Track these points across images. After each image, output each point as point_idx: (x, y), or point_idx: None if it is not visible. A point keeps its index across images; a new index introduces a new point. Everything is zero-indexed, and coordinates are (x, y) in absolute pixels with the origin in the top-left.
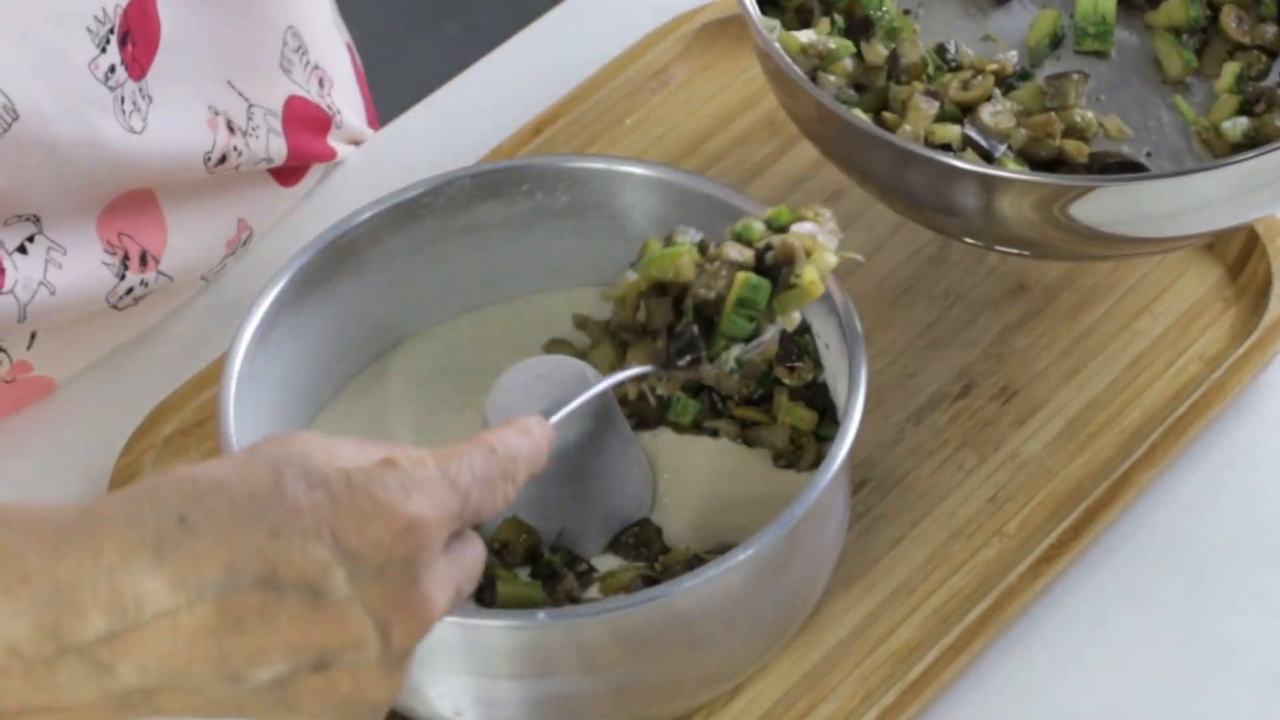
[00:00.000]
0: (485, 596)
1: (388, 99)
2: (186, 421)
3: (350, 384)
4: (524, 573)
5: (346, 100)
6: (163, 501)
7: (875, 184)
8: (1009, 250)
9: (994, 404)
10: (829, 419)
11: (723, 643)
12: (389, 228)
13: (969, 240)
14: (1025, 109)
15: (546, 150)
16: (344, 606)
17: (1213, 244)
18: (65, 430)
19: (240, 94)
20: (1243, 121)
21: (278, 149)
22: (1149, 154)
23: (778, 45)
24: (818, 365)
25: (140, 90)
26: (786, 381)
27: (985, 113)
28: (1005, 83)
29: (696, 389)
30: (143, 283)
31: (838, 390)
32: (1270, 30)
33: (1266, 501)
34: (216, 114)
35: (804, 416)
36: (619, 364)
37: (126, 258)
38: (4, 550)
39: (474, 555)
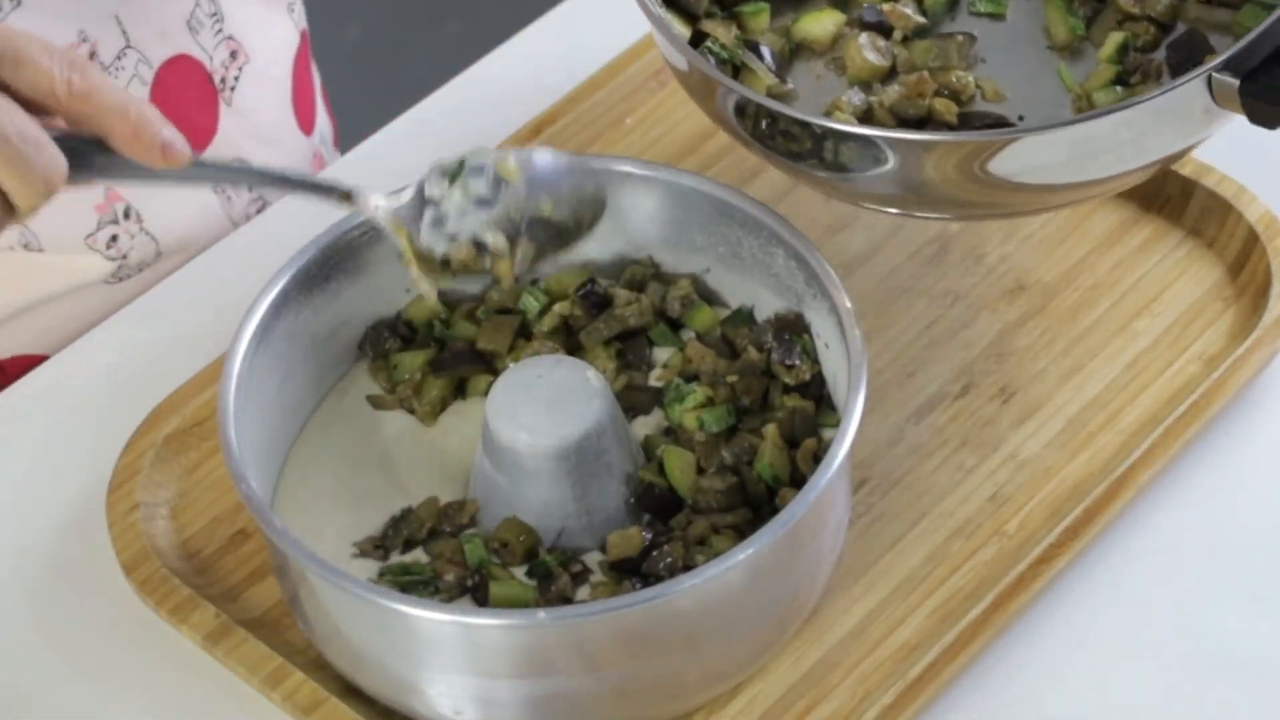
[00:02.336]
0: (479, 596)
1: (388, 98)
2: (186, 421)
3: (348, 375)
4: (519, 572)
5: (269, 88)
6: None
7: (780, 160)
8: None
9: (994, 404)
10: (826, 407)
11: (723, 643)
12: None
13: (879, 207)
14: (912, 65)
15: None
16: None
17: (1212, 243)
18: (65, 430)
19: (122, 30)
20: (1117, 91)
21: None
22: (1021, 118)
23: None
24: (815, 363)
25: None
26: (785, 380)
27: (864, 46)
28: (905, 37)
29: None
30: None
31: (838, 390)
32: (1162, 1)
33: (1266, 501)
34: (84, 40)
35: (801, 405)
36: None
37: None
38: None
39: None
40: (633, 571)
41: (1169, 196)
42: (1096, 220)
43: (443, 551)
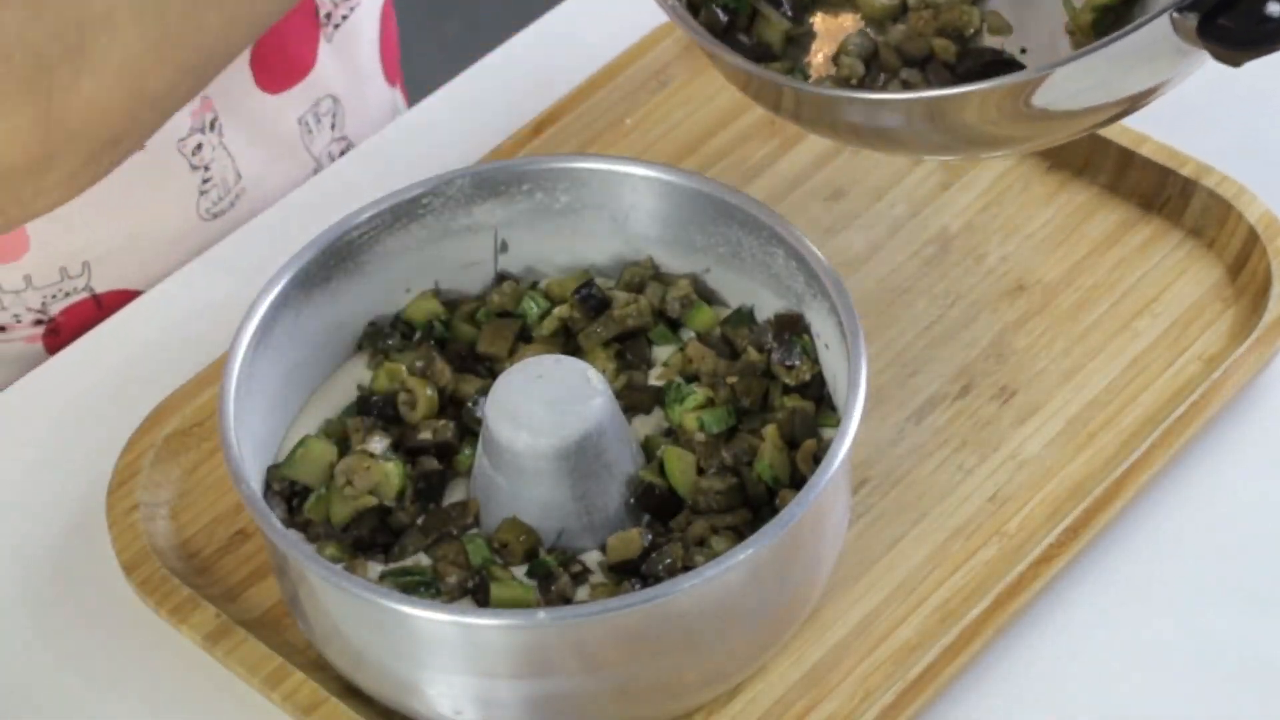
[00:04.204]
0: (479, 597)
1: None
2: (186, 421)
3: (342, 367)
4: (519, 572)
5: (366, 33)
6: None
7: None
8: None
9: (994, 404)
10: (826, 407)
11: (723, 643)
12: (389, 228)
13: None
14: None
15: (546, 150)
16: None
17: (1212, 243)
18: (65, 430)
19: None
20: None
21: None
22: (1024, 50)
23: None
24: (815, 364)
25: None
26: (785, 380)
27: None
28: None
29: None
30: None
31: (838, 390)
32: None
33: (1266, 501)
34: None
35: (801, 405)
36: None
37: None
38: None
39: None
40: (632, 572)
41: (1169, 196)
42: (1096, 220)
43: (446, 554)
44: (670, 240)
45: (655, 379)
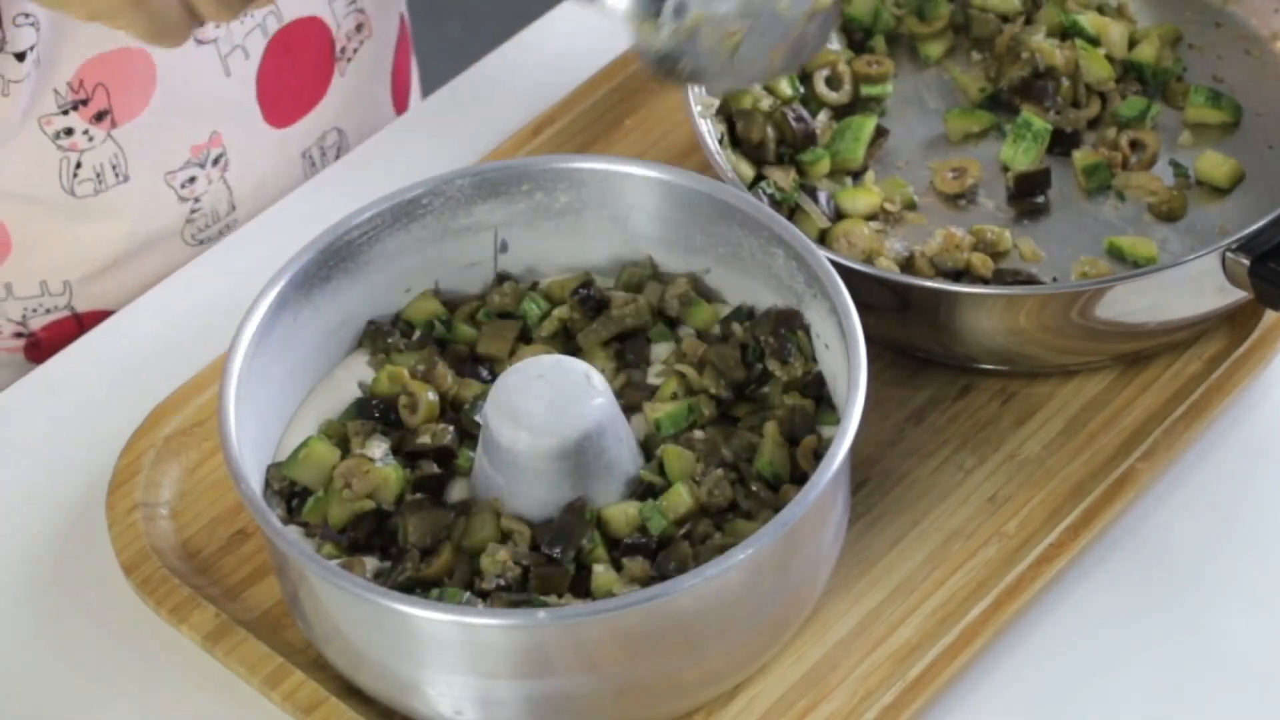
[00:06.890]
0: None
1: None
2: (187, 421)
3: (341, 364)
4: None
5: (380, 65)
6: None
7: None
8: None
9: (994, 404)
10: (826, 407)
11: (723, 643)
12: (389, 228)
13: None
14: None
15: (546, 151)
16: None
17: None
18: (65, 430)
19: None
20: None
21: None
22: (1055, 279)
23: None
24: (810, 360)
25: None
26: (780, 375)
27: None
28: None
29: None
30: (87, 134)
31: (837, 389)
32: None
33: (1265, 501)
34: None
35: (800, 403)
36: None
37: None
38: None
39: None
40: None
41: None
42: None
43: None
44: (670, 240)
45: (654, 376)
